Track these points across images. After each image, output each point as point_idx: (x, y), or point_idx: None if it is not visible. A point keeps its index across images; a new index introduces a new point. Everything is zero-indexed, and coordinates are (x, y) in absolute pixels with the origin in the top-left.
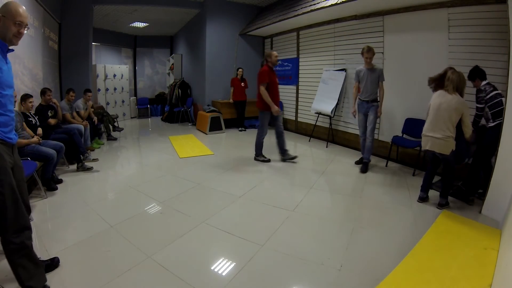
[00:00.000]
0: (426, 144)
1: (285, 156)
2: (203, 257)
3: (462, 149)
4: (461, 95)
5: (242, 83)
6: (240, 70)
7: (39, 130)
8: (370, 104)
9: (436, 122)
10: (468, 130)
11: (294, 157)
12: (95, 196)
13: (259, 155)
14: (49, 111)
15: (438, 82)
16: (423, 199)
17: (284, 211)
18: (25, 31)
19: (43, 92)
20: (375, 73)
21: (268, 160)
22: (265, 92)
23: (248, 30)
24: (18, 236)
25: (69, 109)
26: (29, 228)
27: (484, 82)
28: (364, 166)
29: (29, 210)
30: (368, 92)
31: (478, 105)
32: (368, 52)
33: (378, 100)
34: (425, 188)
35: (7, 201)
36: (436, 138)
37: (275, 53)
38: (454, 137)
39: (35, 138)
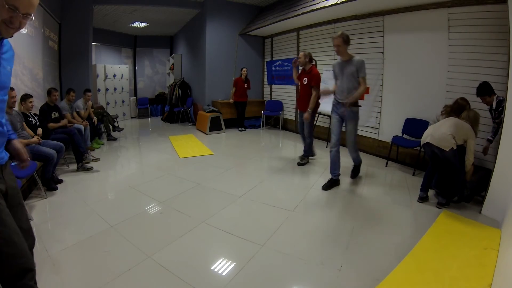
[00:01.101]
0: (427, 137)
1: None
2: (203, 257)
3: (458, 183)
4: (475, 132)
5: (246, 84)
6: (244, 70)
7: (39, 130)
8: (348, 107)
9: (441, 124)
10: (470, 158)
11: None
12: (95, 196)
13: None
14: (53, 112)
15: (452, 113)
16: (423, 198)
17: (284, 211)
18: (26, 24)
19: (49, 92)
20: (352, 65)
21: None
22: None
23: (248, 30)
24: (21, 280)
25: (69, 109)
26: (32, 270)
27: (494, 96)
28: (354, 170)
29: (32, 238)
30: (344, 91)
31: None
32: (335, 39)
33: (358, 105)
34: (425, 188)
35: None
36: (438, 132)
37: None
38: (456, 140)
39: (35, 138)
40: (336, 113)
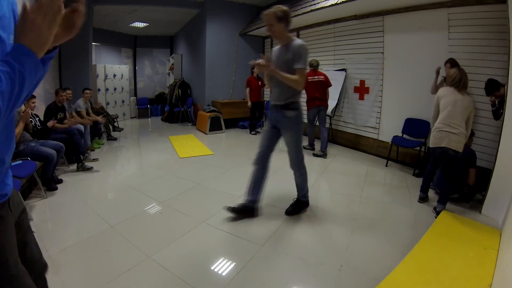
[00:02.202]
0: (442, 141)
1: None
2: (203, 257)
3: (457, 179)
4: (466, 87)
5: (260, 82)
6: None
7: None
8: (281, 112)
9: (453, 118)
10: (469, 132)
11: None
12: (95, 196)
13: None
14: (59, 113)
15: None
16: (423, 199)
17: (284, 211)
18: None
19: (57, 92)
20: (288, 52)
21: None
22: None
23: (248, 30)
24: None
25: (68, 109)
26: None
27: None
28: (294, 206)
29: (45, 266)
30: (277, 88)
31: None
32: (265, 15)
33: (296, 107)
34: (425, 189)
35: None
36: (454, 134)
37: None
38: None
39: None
40: (269, 120)
